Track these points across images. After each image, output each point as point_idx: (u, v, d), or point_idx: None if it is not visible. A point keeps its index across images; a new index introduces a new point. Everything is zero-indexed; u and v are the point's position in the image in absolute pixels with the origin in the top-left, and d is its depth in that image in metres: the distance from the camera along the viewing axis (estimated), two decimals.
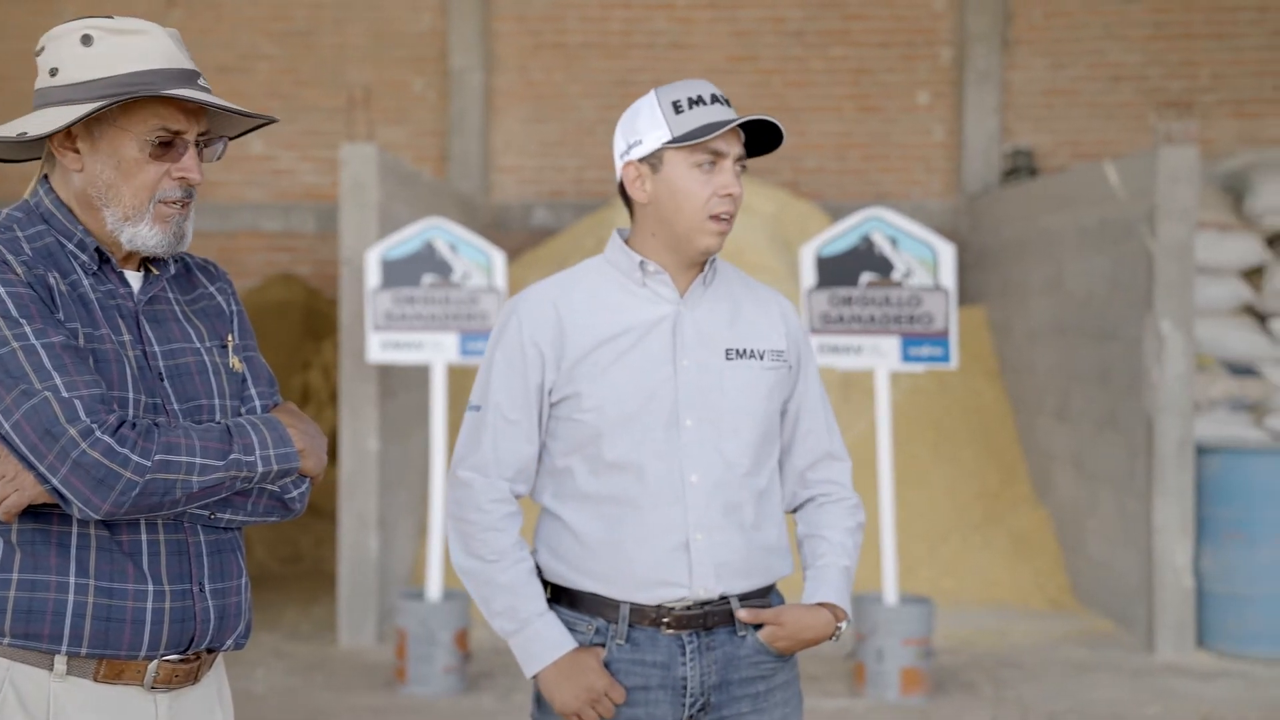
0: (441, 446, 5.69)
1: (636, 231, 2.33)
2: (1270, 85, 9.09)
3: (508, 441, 2.30)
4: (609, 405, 2.26)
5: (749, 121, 2.26)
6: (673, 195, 2.26)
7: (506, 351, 2.31)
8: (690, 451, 2.27)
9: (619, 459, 2.26)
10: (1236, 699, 5.47)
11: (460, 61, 9.38)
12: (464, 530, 2.31)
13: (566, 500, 2.30)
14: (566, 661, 2.25)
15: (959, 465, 7.64)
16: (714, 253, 2.29)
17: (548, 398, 2.31)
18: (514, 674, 5.69)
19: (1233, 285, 6.96)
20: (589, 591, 2.28)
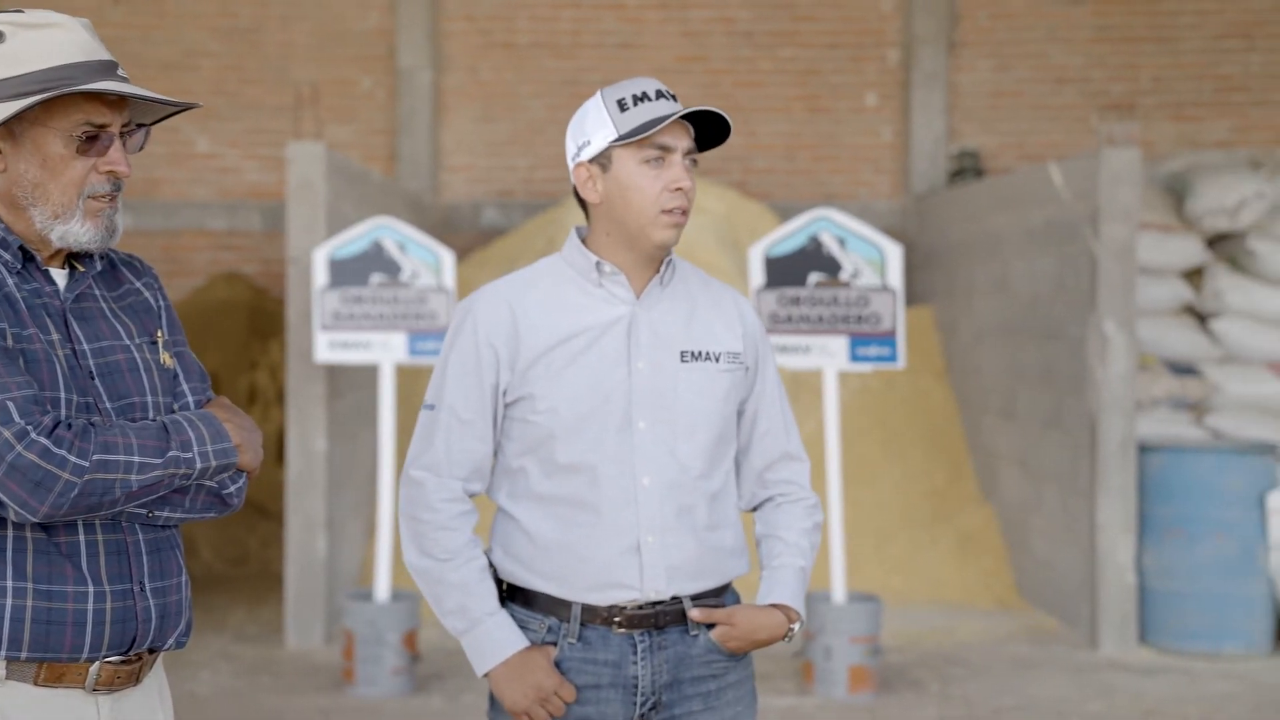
0: (390, 447, 5.66)
1: (592, 232, 2.33)
2: (1209, 89, 9.22)
3: (461, 441, 2.30)
4: (563, 407, 2.27)
5: (698, 117, 2.26)
6: (624, 193, 2.26)
7: (461, 351, 2.31)
8: (643, 454, 2.27)
9: (572, 461, 2.27)
10: (1177, 694, 5.55)
11: (409, 60, 9.34)
12: (416, 529, 2.31)
13: (520, 500, 2.31)
14: (517, 660, 2.25)
15: (907, 464, 7.69)
16: (670, 246, 2.29)
17: (502, 398, 2.31)
18: (463, 675, 5.67)
19: (1174, 286, 7.06)
20: (542, 591, 2.29)
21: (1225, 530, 6.15)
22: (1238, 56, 9.22)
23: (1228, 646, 6.11)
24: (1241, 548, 6.15)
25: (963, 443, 7.92)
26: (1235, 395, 6.82)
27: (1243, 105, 9.21)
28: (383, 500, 5.60)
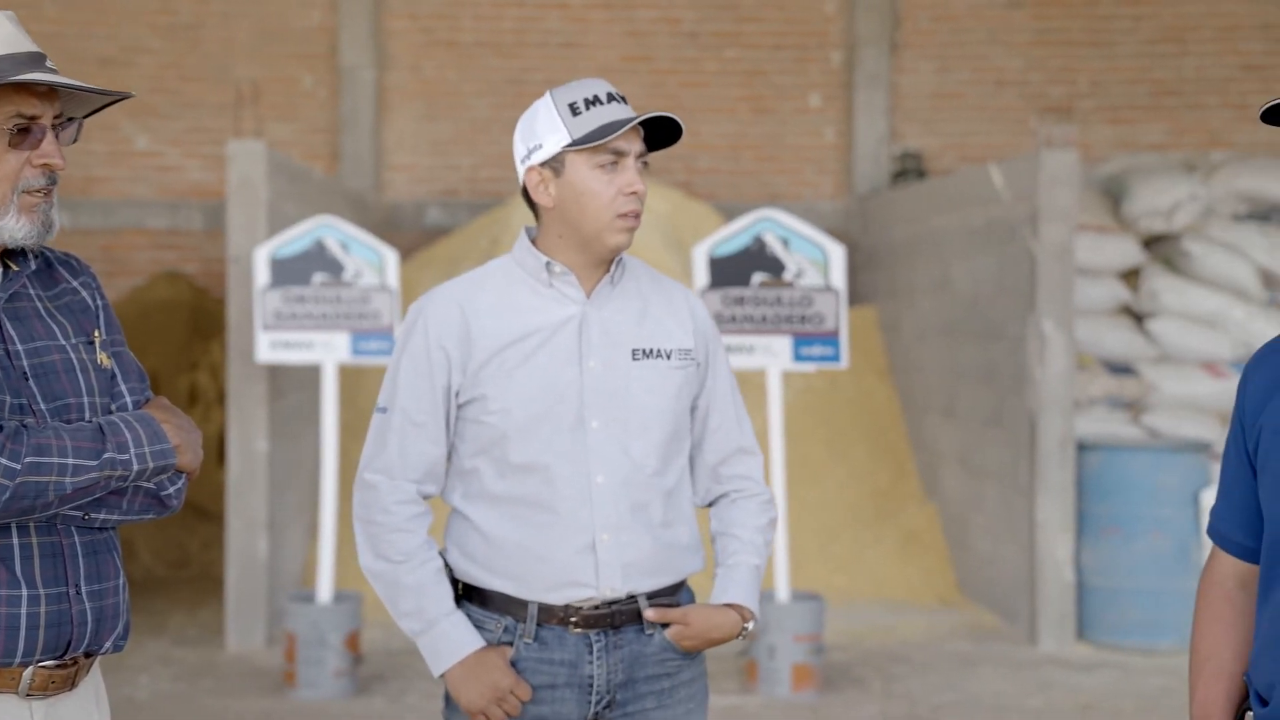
0: (333, 447, 5.62)
1: (543, 233, 2.33)
2: (1144, 92, 9.36)
3: (414, 444, 2.30)
4: (515, 407, 2.27)
5: (647, 118, 2.26)
6: (578, 198, 2.26)
7: (413, 354, 2.31)
8: (597, 452, 2.28)
9: (525, 461, 2.27)
10: (1114, 689, 5.63)
11: (351, 58, 9.28)
12: (370, 532, 2.31)
13: (475, 501, 2.31)
14: (473, 660, 2.26)
15: (850, 463, 7.75)
16: (623, 249, 2.30)
17: (455, 400, 2.31)
18: (406, 676, 5.65)
19: (1111, 286, 7.16)
20: (498, 591, 2.29)
21: (1161, 527, 6.25)
22: (1172, 61, 9.36)
23: (1163, 642, 6.21)
24: (1176, 545, 6.25)
25: (905, 442, 7.99)
26: (1170, 394, 6.93)
27: (1176, 109, 9.36)
28: (325, 501, 5.57)
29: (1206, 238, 7.18)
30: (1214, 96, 9.31)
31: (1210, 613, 1.91)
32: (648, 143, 2.31)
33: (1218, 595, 1.92)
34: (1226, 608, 1.90)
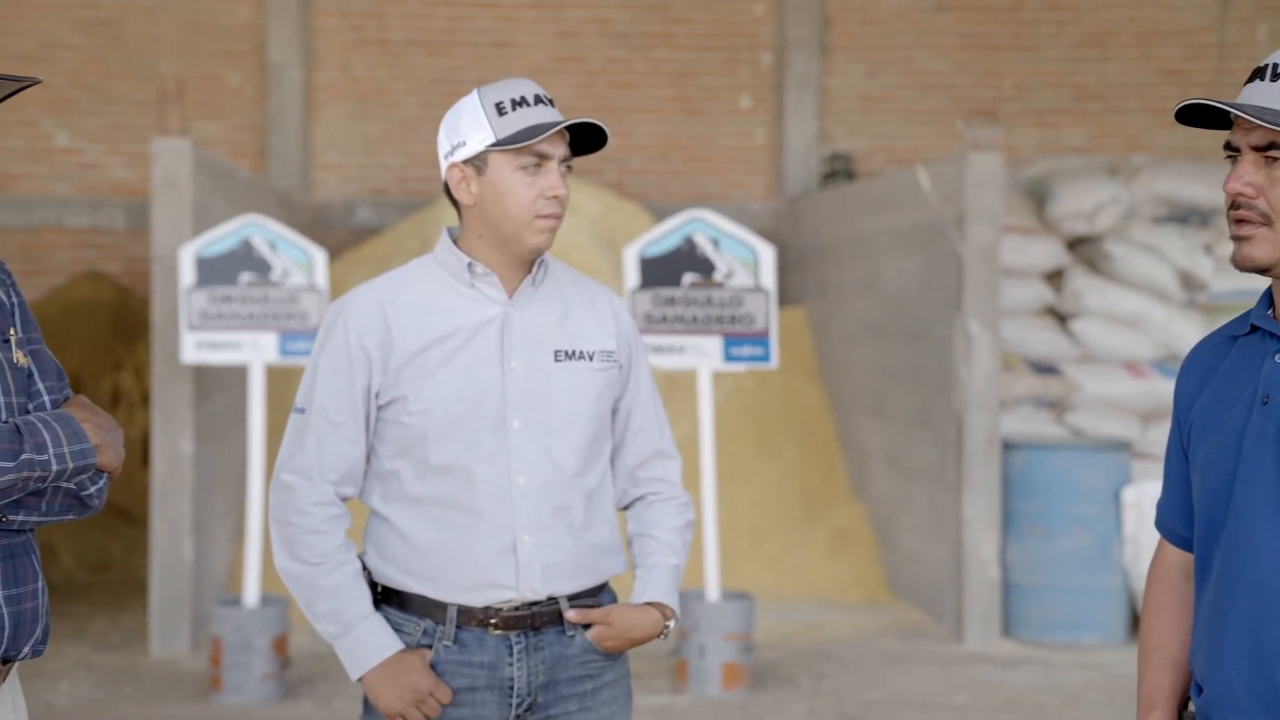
0: (260, 449, 5.56)
1: (464, 232, 2.33)
2: (1068, 96, 9.51)
3: (332, 444, 2.28)
4: (436, 408, 2.26)
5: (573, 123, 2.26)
6: (498, 198, 2.25)
7: (332, 353, 2.29)
8: (518, 454, 2.27)
9: (446, 462, 2.26)
10: (1037, 685, 5.71)
11: (279, 56, 9.18)
12: (287, 534, 2.28)
13: (394, 503, 2.29)
14: (391, 663, 2.24)
15: (780, 463, 7.79)
16: (544, 250, 2.30)
17: (374, 400, 2.29)
18: (335, 680, 5.60)
19: (1036, 287, 7.26)
20: (417, 593, 2.28)
21: (1084, 525, 6.35)
22: (1094, 66, 9.52)
23: (1086, 637, 6.30)
24: (1099, 542, 6.36)
25: (835, 441, 8.05)
26: (1093, 394, 7.04)
27: (1099, 113, 9.52)
28: (252, 503, 5.51)
29: (1128, 240, 7.30)
30: (1134, 101, 9.48)
31: (1157, 603, 1.95)
32: (574, 147, 2.31)
33: (1164, 586, 1.96)
34: (1172, 598, 1.94)
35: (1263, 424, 1.75)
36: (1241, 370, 1.81)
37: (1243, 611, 1.74)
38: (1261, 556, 1.72)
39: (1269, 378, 1.76)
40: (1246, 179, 1.72)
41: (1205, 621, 1.81)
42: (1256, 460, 1.74)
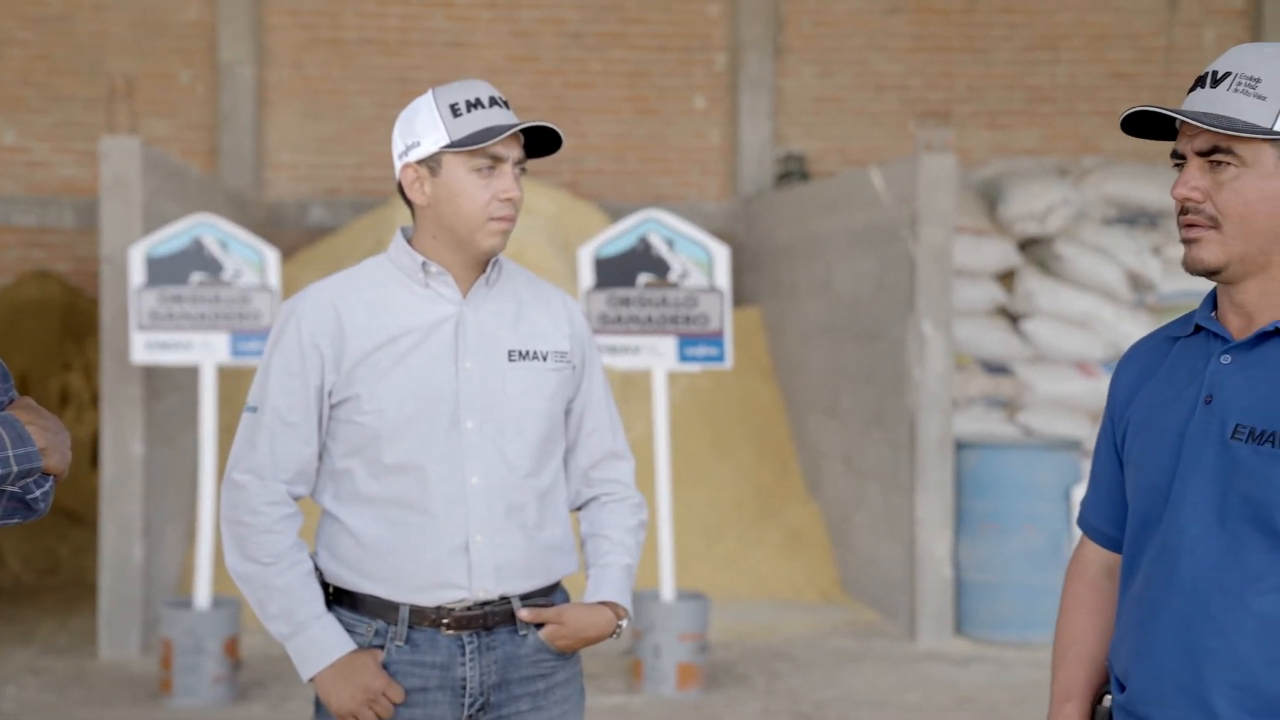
0: (211, 450, 5.52)
1: (418, 232, 2.32)
2: (1019, 98, 9.60)
3: (285, 444, 2.27)
4: (389, 407, 2.25)
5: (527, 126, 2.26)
6: (452, 199, 2.25)
7: (285, 352, 2.28)
8: (471, 453, 2.27)
9: (399, 461, 2.26)
10: (990, 683, 5.76)
11: (230, 54, 9.10)
12: (239, 533, 2.27)
13: (346, 502, 2.29)
14: (343, 663, 2.23)
15: (735, 463, 7.82)
16: (497, 252, 2.30)
17: (327, 399, 2.28)
18: (287, 681, 5.56)
19: (988, 288, 7.32)
20: (369, 593, 2.27)
21: (1035, 523, 6.41)
22: (1045, 68, 9.61)
23: (1037, 635, 6.36)
24: (1050, 540, 6.41)
25: (789, 441, 8.08)
26: (1044, 393, 7.11)
27: (1050, 115, 9.61)
28: (204, 504, 5.46)
29: (1078, 241, 7.37)
30: (1085, 103, 9.58)
31: (1076, 599, 1.97)
32: (528, 150, 2.31)
33: (1084, 583, 1.97)
34: (1091, 594, 1.96)
35: (1205, 423, 1.77)
36: (1184, 370, 1.83)
37: (1175, 608, 1.76)
38: (1197, 553, 1.74)
39: (1213, 378, 1.78)
40: (1193, 184, 1.75)
41: (1132, 617, 1.82)
42: (1197, 459, 1.76)
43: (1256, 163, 1.72)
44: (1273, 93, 1.71)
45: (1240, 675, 1.70)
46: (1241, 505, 1.72)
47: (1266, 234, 1.73)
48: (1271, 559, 1.69)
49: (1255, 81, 1.71)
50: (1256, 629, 1.69)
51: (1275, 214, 1.73)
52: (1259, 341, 1.76)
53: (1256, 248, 1.74)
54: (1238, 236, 1.74)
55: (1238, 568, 1.71)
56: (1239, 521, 1.72)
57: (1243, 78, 1.72)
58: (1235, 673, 1.70)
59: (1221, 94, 1.73)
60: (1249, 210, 1.73)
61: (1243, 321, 1.78)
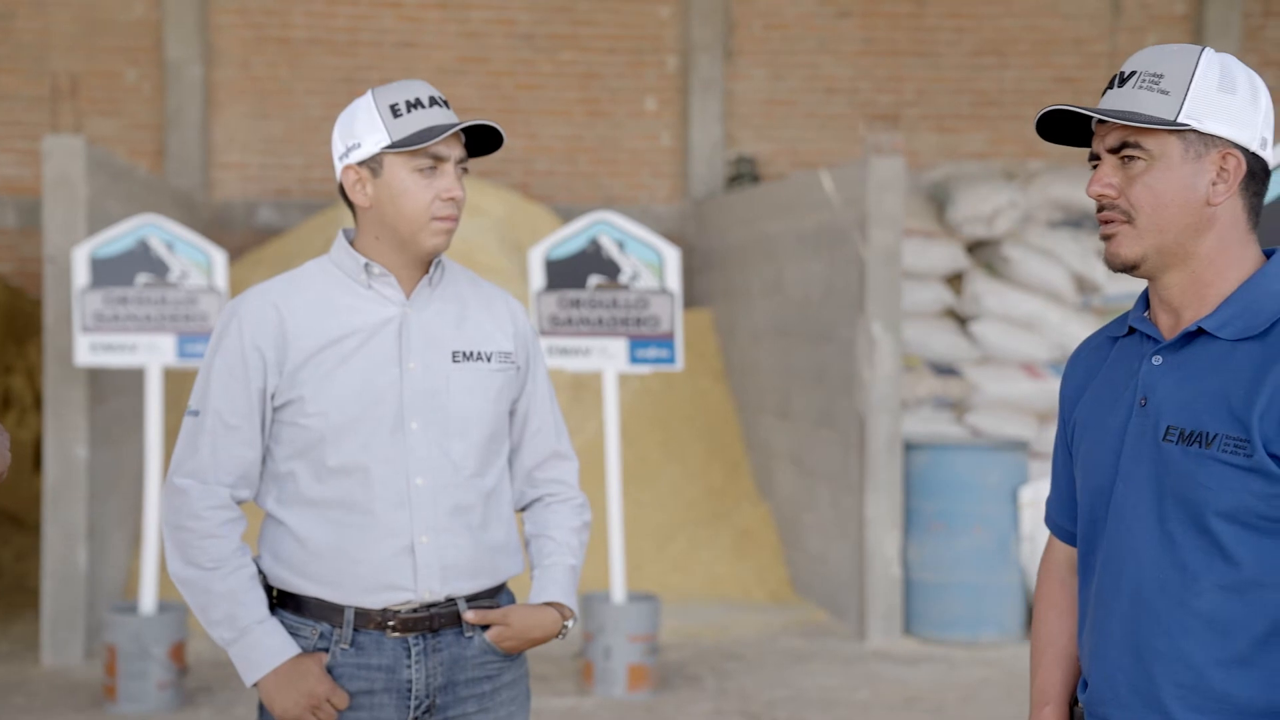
0: (157, 453, 5.46)
1: (360, 234, 2.31)
2: (967, 102, 9.68)
3: (227, 447, 2.26)
4: (333, 410, 2.24)
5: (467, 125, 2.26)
6: (394, 200, 2.24)
7: (226, 355, 2.26)
8: (416, 454, 2.26)
9: (343, 463, 2.24)
10: (938, 681, 5.80)
11: (177, 53, 9.01)
12: (180, 538, 2.25)
13: (290, 505, 2.27)
14: (287, 668, 2.21)
15: (686, 464, 7.83)
16: (441, 252, 2.29)
17: (270, 402, 2.27)
18: (234, 687, 5.51)
19: (936, 290, 7.37)
20: (313, 596, 2.26)
21: (982, 523, 6.46)
22: (992, 73, 9.70)
23: (984, 634, 6.41)
24: (997, 540, 6.47)
25: (740, 442, 8.11)
26: (992, 395, 7.17)
27: (997, 119, 9.70)
28: (149, 508, 5.40)
29: (1024, 243, 7.44)
30: (1031, 108, 9.67)
31: (1048, 600, 1.98)
32: (470, 149, 2.30)
33: (1054, 581, 1.99)
34: (1061, 593, 1.97)
35: (1141, 425, 1.78)
36: (1121, 371, 1.85)
37: (1124, 609, 1.77)
38: (1140, 557, 1.76)
39: (1146, 380, 1.80)
40: (1106, 180, 1.77)
41: (1089, 617, 1.84)
42: (1135, 461, 1.78)
43: (1163, 155, 1.74)
44: (1175, 87, 1.73)
45: (1189, 676, 1.71)
46: (1176, 507, 1.74)
47: (1179, 225, 1.75)
48: (1209, 559, 1.71)
49: (1158, 77, 1.74)
50: (1200, 629, 1.71)
51: (1186, 205, 1.74)
52: (1186, 341, 1.77)
53: (1172, 240, 1.75)
54: (1151, 230, 1.75)
55: (1177, 569, 1.73)
56: (1175, 523, 1.74)
57: (1147, 75, 1.75)
58: (1184, 673, 1.72)
59: (1128, 91, 1.76)
60: (1159, 203, 1.74)
61: (1171, 319, 1.80)
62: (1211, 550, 1.71)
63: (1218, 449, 1.69)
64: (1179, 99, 1.73)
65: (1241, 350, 1.72)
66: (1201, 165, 1.74)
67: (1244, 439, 1.68)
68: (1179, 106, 1.73)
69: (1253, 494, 1.68)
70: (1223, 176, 1.74)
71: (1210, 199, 1.74)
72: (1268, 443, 1.67)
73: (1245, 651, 1.69)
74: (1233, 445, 1.68)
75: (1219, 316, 1.74)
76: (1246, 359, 1.71)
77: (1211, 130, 1.73)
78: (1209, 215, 1.75)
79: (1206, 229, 1.75)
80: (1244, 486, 1.68)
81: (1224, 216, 1.75)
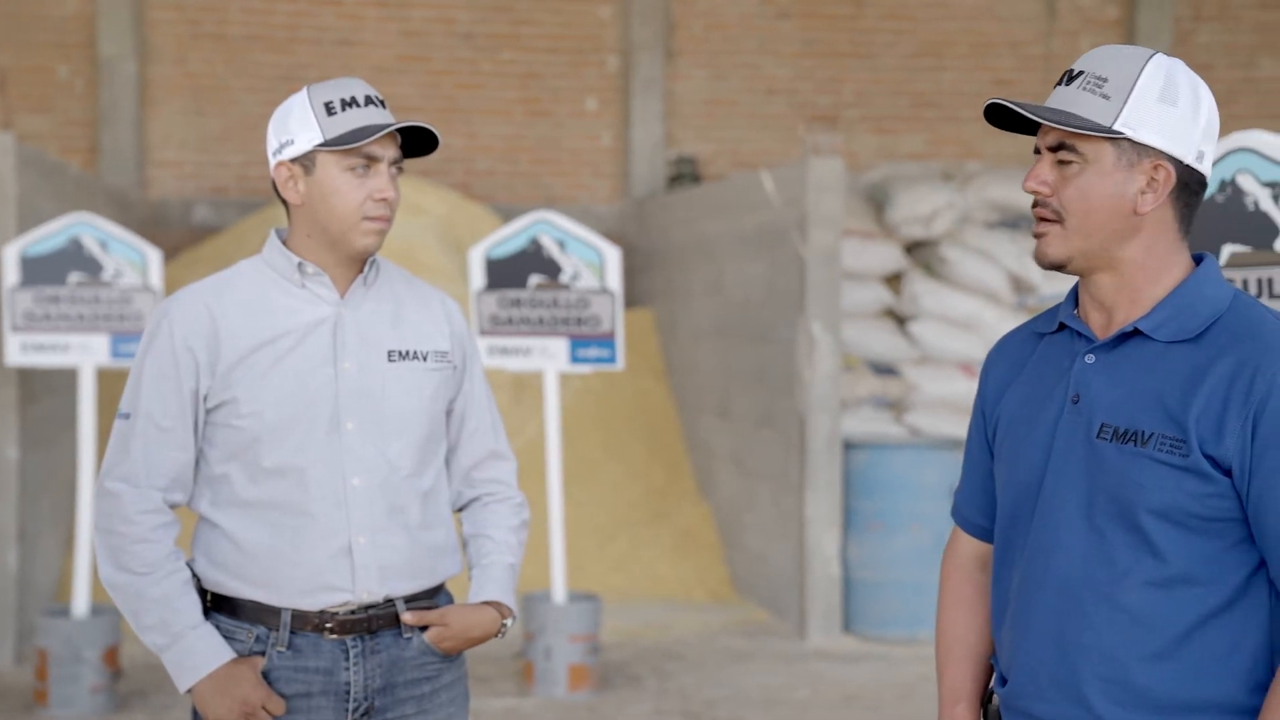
0: (90, 454, 5.38)
1: (293, 232, 2.29)
2: (905, 104, 9.76)
3: (160, 450, 2.22)
4: (267, 410, 2.22)
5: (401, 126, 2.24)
6: (326, 198, 2.22)
7: (157, 356, 2.23)
8: (352, 454, 2.24)
9: (278, 464, 2.22)
10: (877, 679, 5.84)
11: (110, 49, 8.89)
12: (112, 543, 2.22)
13: (225, 508, 2.25)
14: (222, 673, 2.19)
15: (627, 464, 7.83)
16: (372, 253, 2.28)
17: (202, 404, 2.24)
18: (169, 691, 5.44)
19: (875, 290, 7.42)
20: (249, 599, 2.23)
21: (920, 521, 6.51)
22: (930, 75, 9.79)
23: (923, 632, 6.46)
24: (935, 538, 6.52)
25: (681, 442, 8.12)
26: (930, 394, 7.23)
27: (935, 120, 9.79)
28: (82, 511, 5.32)
29: (962, 244, 7.51)
30: (968, 109, 9.77)
31: (953, 596, 1.99)
32: (406, 149, 2.29)
33: (961, 576, 1.99)
34: (967, 588, 1.98)
35: (1073, 422, 1.80)
36: (1051, 368, 1.86)
37: (1048, 603, 1.79)
38: (1069, 551, 1.77)
39: (1079, 377, 1.81)
40: (1041, 178, 1.78)
41: (1009, 613, 1.84)
42: (1066, 457, 1.79)
43: (1097, 160, 1.75)
44: (1116, 93, 1.74)
45: (1111, 669, 1.73)
46: (1107, 503, 1.75)
47: (1105, 232, 1.76)
48: (1137, 555, 1.73)
49: (1102, 81, 1.75)
50: (1126, 624, 1.73)
51: (1113, 211, 1.75)
52: (1120, 341, 1.79)
53: (1098, 244, 1.77)
54: (1079, 232, 1.76)
55: (1106, 564, 1.74)
56: (1105, 519, 1.75)
57: (1092, 77, 1.76)
58: (1106, 667, 1.73)
59: (1072, 91, 1.76)
60: (1089, 207, 1.75)
61: (1103, 317, 1.81)
62: (1140, 546, 1.73)
63: (1153, 448, 1.71)
64: (1118, 105, 1.74)
65: (1175, 352, 1.74)
66: (1132, 174, 1.75)
67: (1180, 439, 1.70)
68: (1117, 113, 1.74)
69: (1186, 493, 1.70)
70: (1152, 186, 1.75)
71: (1138, 207, 1.75)
72: (1203, 443, 1.69)
73: (1167, 646, 1.71)
74: (1169, 445, 1.70)
75: (1154, 318, 1.76)
76: (1182, 361, 1.73)
77: (1145, 140, 1.74)
78: (1135, 223, 1.76)
79: (1132, 236, 1.76)
80: (1178, 485, 1.70)
81: (1151, 225, 1.76)
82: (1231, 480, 1.69)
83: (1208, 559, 1.71)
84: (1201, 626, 1.71)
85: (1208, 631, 1.71)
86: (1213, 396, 1.69)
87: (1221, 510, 1.70)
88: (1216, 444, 1.69)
